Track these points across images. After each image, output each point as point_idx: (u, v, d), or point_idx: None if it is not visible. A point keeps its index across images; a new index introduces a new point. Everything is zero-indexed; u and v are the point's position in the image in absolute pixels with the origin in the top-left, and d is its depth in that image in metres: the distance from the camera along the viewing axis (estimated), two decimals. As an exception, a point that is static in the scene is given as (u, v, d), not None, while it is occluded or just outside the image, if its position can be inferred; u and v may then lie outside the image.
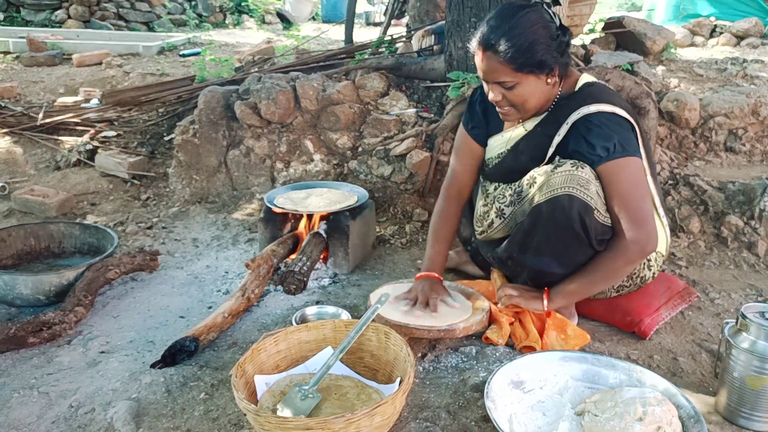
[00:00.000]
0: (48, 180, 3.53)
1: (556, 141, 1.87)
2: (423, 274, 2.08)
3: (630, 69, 3.34)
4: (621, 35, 4.23)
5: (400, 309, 1.94)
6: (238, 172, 3.34)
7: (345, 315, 2.12)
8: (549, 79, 1.84)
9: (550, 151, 1.89)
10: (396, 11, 5.59)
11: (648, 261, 1.99)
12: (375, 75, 3.40)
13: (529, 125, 1.96)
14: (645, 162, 1.88)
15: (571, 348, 1.90)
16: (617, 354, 1.95)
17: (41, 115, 4.02)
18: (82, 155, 3.65)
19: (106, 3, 8.37)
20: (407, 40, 4.14)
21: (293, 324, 2.04)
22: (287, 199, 2.68)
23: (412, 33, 4.17)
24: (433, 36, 3.70)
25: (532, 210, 1.86)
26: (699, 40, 5.76)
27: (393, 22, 5.70)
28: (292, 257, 2.53)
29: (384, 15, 6.60)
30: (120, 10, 8.46)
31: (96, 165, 3.61)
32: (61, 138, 3.88)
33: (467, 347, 1.92)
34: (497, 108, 1.92)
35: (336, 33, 7.40)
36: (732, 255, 2.64)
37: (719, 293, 2.37)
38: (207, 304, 2.34)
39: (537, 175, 1.87)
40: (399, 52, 3.98)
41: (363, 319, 1.75)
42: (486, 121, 2.10)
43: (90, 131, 3.86)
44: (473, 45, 1.85)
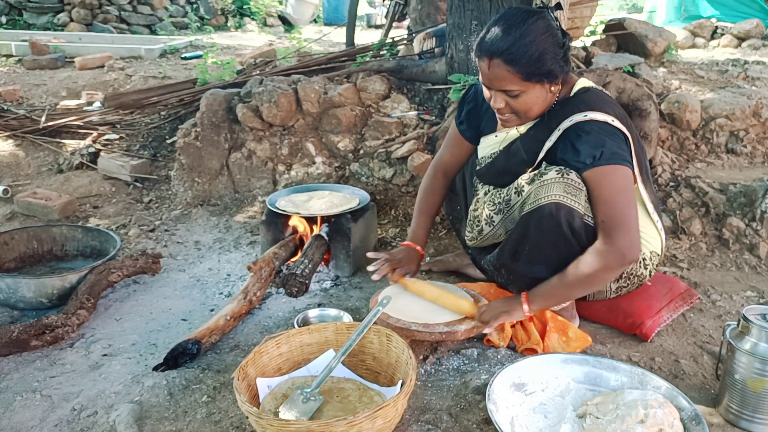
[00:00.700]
0: (50, 183, 3.54)
1: (546, 146, 1.86)
2: (405, 243, 2.22)
3: (631, 71, 3.33)
4: (622, 37, 4.24)
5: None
6: (240, 174, 3.34)
7: (347, 317, 2.13)
8: (553, 87, 1.83)
9: (540, 156, 1.88)
10: (397, 14, 5.61)
11: (644, 260, 1.99)
12: (376, 77, 3.40)
13: (523, 128, 1.95)
14: (637, 170, 1.87)
15: (573, 350, 1.90)
16: (619, 356, 1.95)
17: (44, 118, 4.03)
18: (84, 158, 3.65)
19: (108, 6, 8.37)
20: (408, 42, 4.15)
21: (295, 327, 2.04)
22: (289, 202, 2.68)
23: (413, 35, 4.17)
24: (435, 38, 3.70)
25: (521, 218, 1.85)
26: (700, 41, 5.75)
27: (394, 24, 5.71)
28: (293, 260, 2.53)
29: (385, 18, 6.60)
30: (122, 13, 8.47)
31: (98, 168, 3.62)
32: (64, 141, 3.89)
33: (469, 350, 1.92)
34: (498, 115, 1.91)
35: (337, 35, 7.43)
36: (733, 257, 2.64)
37: (721, 295, 2.37)
38: (209, 306, 2.35)
39: (524, 183, 1.87)
40: (400, 54, 3.99)
41: (365, 322, 1.75)
42: (478, 122, 2.11)
43: (92, 134, 3.86)
44: (477, 51, 1.81)
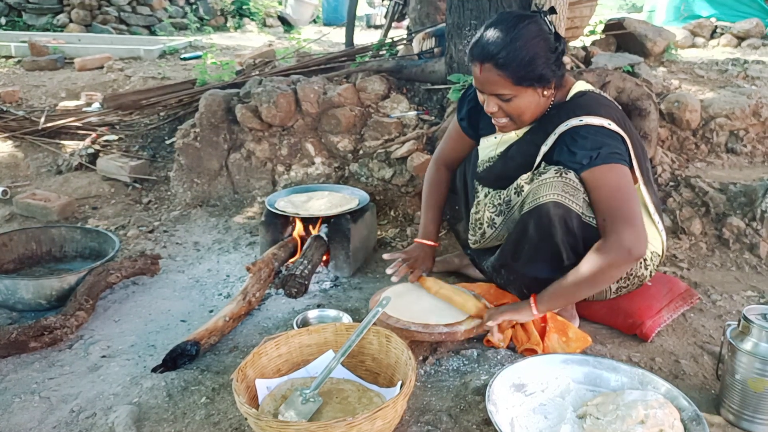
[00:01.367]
0: (49, 184, 3.54)
1: (543, 150, 1.87)
2: (418, 240, 2.26)
3: (631, 70, 3.33)
4: (621, 37, 4.23)
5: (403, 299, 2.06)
6: (239, 175, 3.34)
7: (346, 318, 2.12)
8: (545, 92, 1.84)
9: (537, 160, 1.88)
10: (396, 14, 5.61)
11: (644, 260, 1.98)
12: (376, 78, 3.40)
13: (520, 132, 1.97)
14: (638, 171, 1.87)
15: (573, 351, 1.90)
16: (619, 356, 1.95)
17: (43, 119, 4.03)
18: (83, 159, 3.65)
19: (107, 7, 8.37)
20: (408, 42, 4.15)
21: (294, 327, 2.04)
22: (288, 203, 2.68)
23: (412, 36, 4.17)
24: (434, 38, 3.70)
25: (520, 218, 1.86)
26: (700, 41, 5.75)
27: (394, 24, 5.71)
28: (293, 260, 2.53)
29: (385, 18, 6.60)
30: (121, 13, 8.47)
31: (97, 169, 3.61)
32: (63, 142, 3.89)
33: (468, 350, 1.92)
34: (493, 119, 1.92)
35: (337, 36, 7.42)
36: (734, 257, 2.63)
37: (721, 295, 2.36)
38: (208, 307, 2.35)
39: (523, 183, 1.88)
40: (400, 54, 3.99)
41: (364, 323, 1.75)
42: (477, 122, 2.11)
43: (91, 135, 3.86)
44: (470, 55, 1.83)
